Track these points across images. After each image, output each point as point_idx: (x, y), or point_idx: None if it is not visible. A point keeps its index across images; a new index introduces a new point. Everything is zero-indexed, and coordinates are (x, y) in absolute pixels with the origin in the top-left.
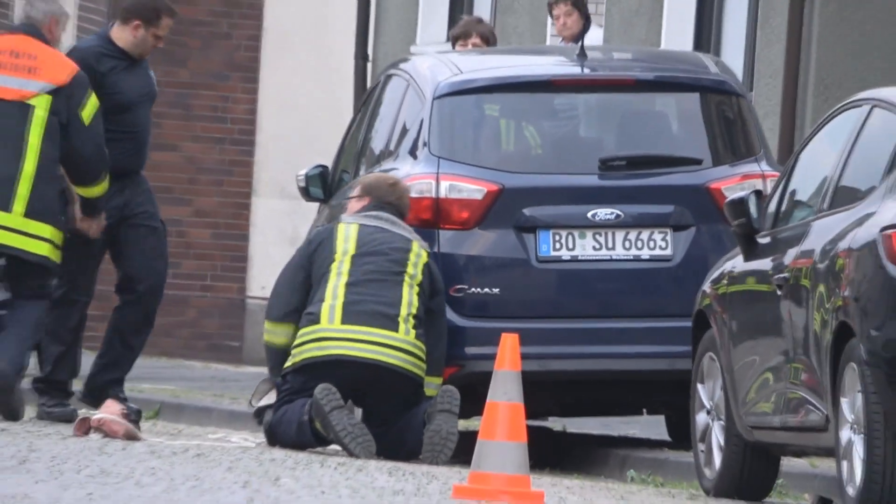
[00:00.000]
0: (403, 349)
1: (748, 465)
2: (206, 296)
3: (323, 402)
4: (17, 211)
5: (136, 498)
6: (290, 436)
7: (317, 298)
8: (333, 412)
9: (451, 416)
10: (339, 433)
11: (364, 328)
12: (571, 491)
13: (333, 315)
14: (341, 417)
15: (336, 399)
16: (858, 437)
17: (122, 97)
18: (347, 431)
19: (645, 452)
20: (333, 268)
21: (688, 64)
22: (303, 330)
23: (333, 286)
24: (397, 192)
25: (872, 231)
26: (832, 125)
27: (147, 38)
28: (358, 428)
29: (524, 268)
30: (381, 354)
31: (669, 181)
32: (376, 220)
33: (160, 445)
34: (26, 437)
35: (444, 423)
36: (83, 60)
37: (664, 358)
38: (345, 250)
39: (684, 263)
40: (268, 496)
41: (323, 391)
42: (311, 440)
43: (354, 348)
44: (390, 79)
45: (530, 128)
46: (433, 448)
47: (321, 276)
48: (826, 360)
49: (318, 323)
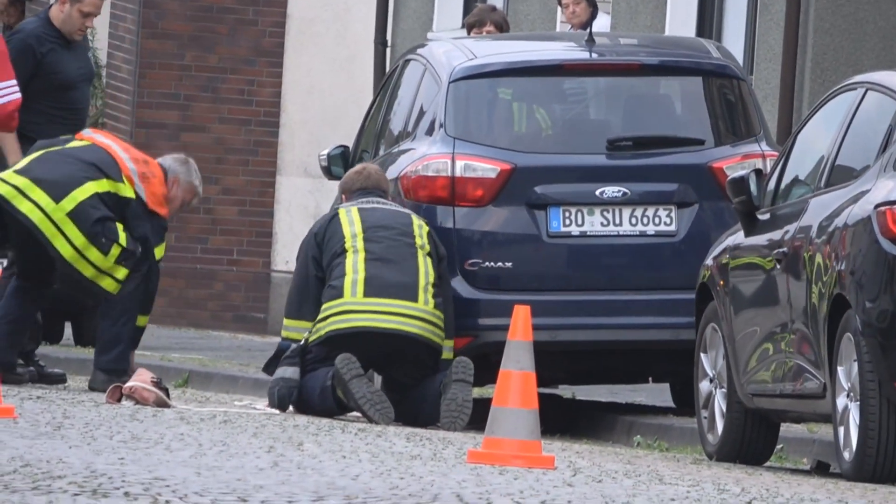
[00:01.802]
0: (424, 318)
1: (749, 430)
2: (233, 270)
3: (343, 371)
4: None
5: (166, 462)
6: (313, 401)
7: (336, 274)
8: (353, 381)
9: (466, 385)
10: (359, 400)
11: (386, 300)
12: (581, 455)
13: (356, 289)
14: (361, 386)
15: (356, 368)
16: (854, 404)
17: (63, 76)
18: (367, 399)
19: (651, 419)
20: (348, 247)
21: (691, 49)
22: (326, 304)
23: (353, 262)
24: (367, 175)
25: (867, 208)
26: (828, 107)
27: (73, 15)
28: (377, 395)
29: (535, 243)
30: (403, 325)
31: (673, 161)
32: (367, 203)
33: (189, 412)
34: (61, 404)
35: (460, 392)
36: (24, 42)
37: (669, 329)
38: (353, 233)
39: (688, 239)
40: (291, 460)
41: (343, 360)
42: (334, 407)
43: (378, 320)
44: (408, 63)
45: (541, 110)
46: (451, 416)
47: (336, 257)
48: (823, 331)
49: (342, 297)
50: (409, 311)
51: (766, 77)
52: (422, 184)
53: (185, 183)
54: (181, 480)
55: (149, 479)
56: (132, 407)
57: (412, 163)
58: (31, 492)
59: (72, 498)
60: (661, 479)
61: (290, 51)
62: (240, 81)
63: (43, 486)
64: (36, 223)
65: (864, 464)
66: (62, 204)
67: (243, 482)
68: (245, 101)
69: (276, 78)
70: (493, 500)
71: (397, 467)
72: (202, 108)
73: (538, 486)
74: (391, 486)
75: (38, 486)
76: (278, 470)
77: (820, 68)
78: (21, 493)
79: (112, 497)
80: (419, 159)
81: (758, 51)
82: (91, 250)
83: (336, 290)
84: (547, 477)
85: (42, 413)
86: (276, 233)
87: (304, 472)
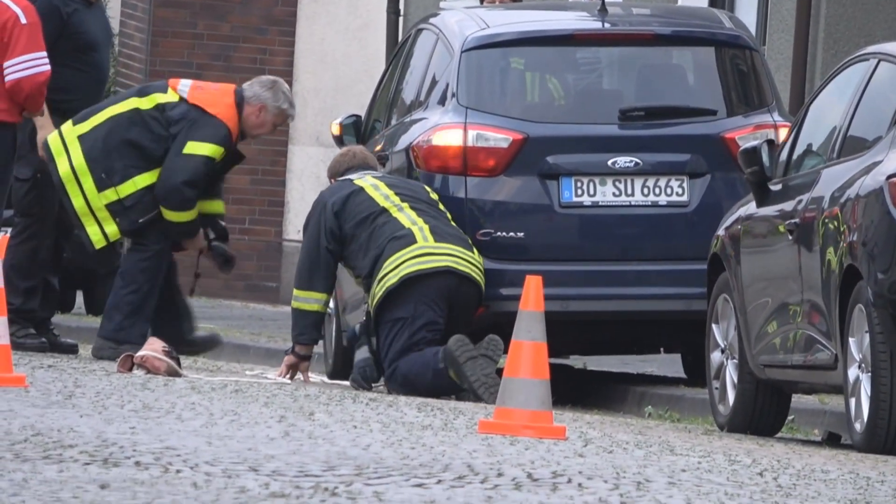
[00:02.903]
0: (479, 268)
1: (760, 401)
2: (245, 239)
3: (458, 353)
4: None
5: (177, 431)
6: (426, 382)
7: (388, 231)
8: (468, 363)
9: (490, 361)
10: (474, 383)
11: (455, 247)
12: (592, 426)
13: (425, 234)
14: (475, 368)
15: (469, 349)
16: (865, 376)
17: (88, 37)
18: (481, 382)
19: (662, 389)
20: (388, 206)
21: (703, 19)
22: (397, 254)
23: (406, 216)
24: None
25: (879, 179)
26: (841, 78)
27: None
28: (491, 378)
29: (547, 213)
30: (472, 270)
31: (686, 131)
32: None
33: (200, 381)
34: (72, 373)
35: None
36: (50, 3)
37: (680, 299)
38: (384, 195)
39: (700, 209)
40: (302, 430)
41: (457, 343)
42: (448, 387)
43: (454, 261)
44: (420, 33)
45: (554, 80)
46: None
47: (376, 218)
48: (834, 302)
49: (415, 242)
50: (472, 259)
51: (779, 47)
52: (434, 153)
53: (273, 109)
54: (192, 450)
55: (160, 448)
56: (143, 376)
57: (424, 132)
58: (43, 461)
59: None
60: (672, 449)
61: (303, 19)
62: (252, 50)
63: (54, 455)
64: (48, 143)
65: (875, 435)
66: (77, 127)
67: (254, 452)
68: (257, 70)
69: (288, 47)
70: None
71: (408, 437)
72: (214, 76)
73: (549, 456)
74: (402, 457)
75: (49, 455)
76: (289, 440)
77: (832, 39)
78: (32, 462)
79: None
80: (431, 129)
81: (770, 21)
82: (87, 178)
83: (405, 239)
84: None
85: (53, 382)
86: (288, 202)
87: (315, 442)
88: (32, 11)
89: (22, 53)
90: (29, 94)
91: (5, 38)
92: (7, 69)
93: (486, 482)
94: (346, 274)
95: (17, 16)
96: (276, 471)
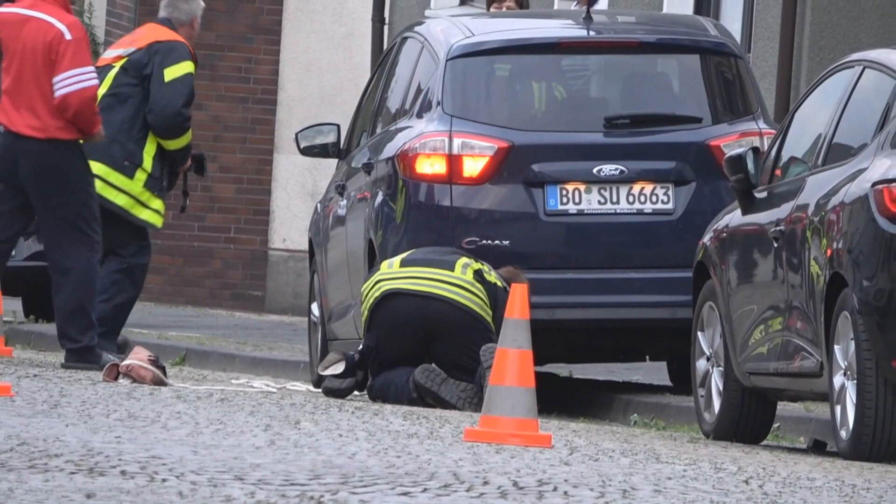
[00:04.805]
0: (458, 284)
1: (746, 409)
2: (231, 248)
3: (428, 384)
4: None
5: (163, 441)
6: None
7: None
8: (441, 388)
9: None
10: (456, 405)
11: (420, 268)
12: (578, 434)
13: (392, 264)
14: (450, 389)
15: (438, 375)
16: (851, 383)
17: None
18: (460, 398)
19: (647, 397)
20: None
21: (688, 27)
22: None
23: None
24: None
25: (864, 186)
26: (826, 85)
27: None
28: (469, 391)
29: (533, 221)
30: (435, 287)
31: (671, 138)
32: None
33: (186, 390)
34: (58, 382)
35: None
36: None
37: (666, 307)
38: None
39: (685, 217)
40: (288, 439)
41: (423, 372)
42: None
43: (408, 283)
44: (405, 41)
45: (539, 88)
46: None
47: None
48: (820, 309)
49: (378, 270)
50: (442, 277)
51: (764, 55)
52: (419, 161)
53: (200, 12)
54: (178, 459)
55: (145, 457)
56: (129, 385)
57: (409, 140)
58: (28, 470)
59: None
60: (658, 457)
61: (288, 28)
62: (237, 59)
63: (39, 464)
64: None
65: (860, 442)
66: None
67: (240, 461)
68: (243, 79)
69: (273, 55)
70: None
71: (394, 446)
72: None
73: (535, 464)
74: (388, 465)
75: (35, 464)
76: (275, 448)
77: (817, 46)
78: (18, 472)
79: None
80: (416, 137)
81: (755, 28)
82: (113, 175)
83: (374, 269)
84: (544, 456)
85: (39, 391)
86: (273, 210)
87: (300, 451)
88: (78, 27)
89: (68, 69)
90: (77, 109)
91: (52, 55)
92: (55, 85)
93: (472, 490)
94: (332, 283)
95: (62, 32)
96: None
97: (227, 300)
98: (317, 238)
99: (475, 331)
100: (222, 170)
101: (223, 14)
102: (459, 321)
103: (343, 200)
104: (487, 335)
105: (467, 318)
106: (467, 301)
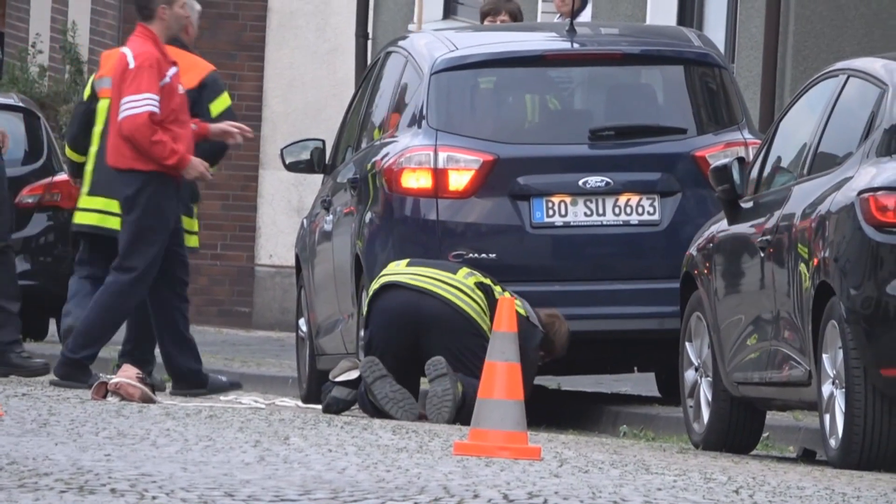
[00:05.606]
0: (456, 286)
1: (735, 419)
2: (217, 264)
3: (367, 374)
4: (83, 192)
5: (152, 458)
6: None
7: None
8: (376, 382)
9: (443, 378)
10: (381, 400)
11: (423, 268)
12: (567, 446)
13: (399, 264)
14: (383, 386)
15: (378, 370)
16: (839, 392)
17: None
18: (389, 398)
19: (636, 408)
20: None
21: (672, 38)
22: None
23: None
24: None
25: (850, 195)
26: (810, 94)
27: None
28: (399, 393)
29: (519, 234)
30: (431, 285)
31: (656, 150)
32: None
33: (174, 407)
34: (46, 401)
35: (437, 386)
36: None
37: (653, 318)
38: None
39: (671, 228)
40: (277, 455)
41: (366, 364)
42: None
43: (407, 278)
44: (389, 56)
45: (523, 100)
46: (433, 408)
47: None
48: (808, 318)
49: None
50: (442, 278)
51: (748, 65)
52: (405, 176)
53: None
54: (168, 476)
55: (135, 475)
56: (117, 403)
57: (395, 155)
58: (18, 489)
59: (58, 495)
60: (648, 468)
61: (272, 44)
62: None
63: (29, 483)
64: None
65: (850, 451)
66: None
67: (230, 477)
68: None
69: (257, 72)
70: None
71: (383, 460)
72: None
73: (525, 477)
74: (378, 480)
75: (25, 483)
76: (265, 464)
77: (801, 55)
78: (7, 491)
79: (99, 494)
80: (402, 151)
81: (739, 39)
82: None
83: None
84: (533, 468)
85: (28, 410)
86: (259, 227)
87: (290, 467)
88: (143, 56)
89: (124, 96)
90: (128, 134)
91: (121, 84)
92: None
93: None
94: (319, 298)
95: (128, 62)
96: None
97: (214, 317)
98: (303, 253)
99: (466, 334)
100: (208, 186)
101: (206, 31)
102: (450, 320)
103: (329, 216)
104: (480, 341)
105: (459, 318)
106: (461, 303)
